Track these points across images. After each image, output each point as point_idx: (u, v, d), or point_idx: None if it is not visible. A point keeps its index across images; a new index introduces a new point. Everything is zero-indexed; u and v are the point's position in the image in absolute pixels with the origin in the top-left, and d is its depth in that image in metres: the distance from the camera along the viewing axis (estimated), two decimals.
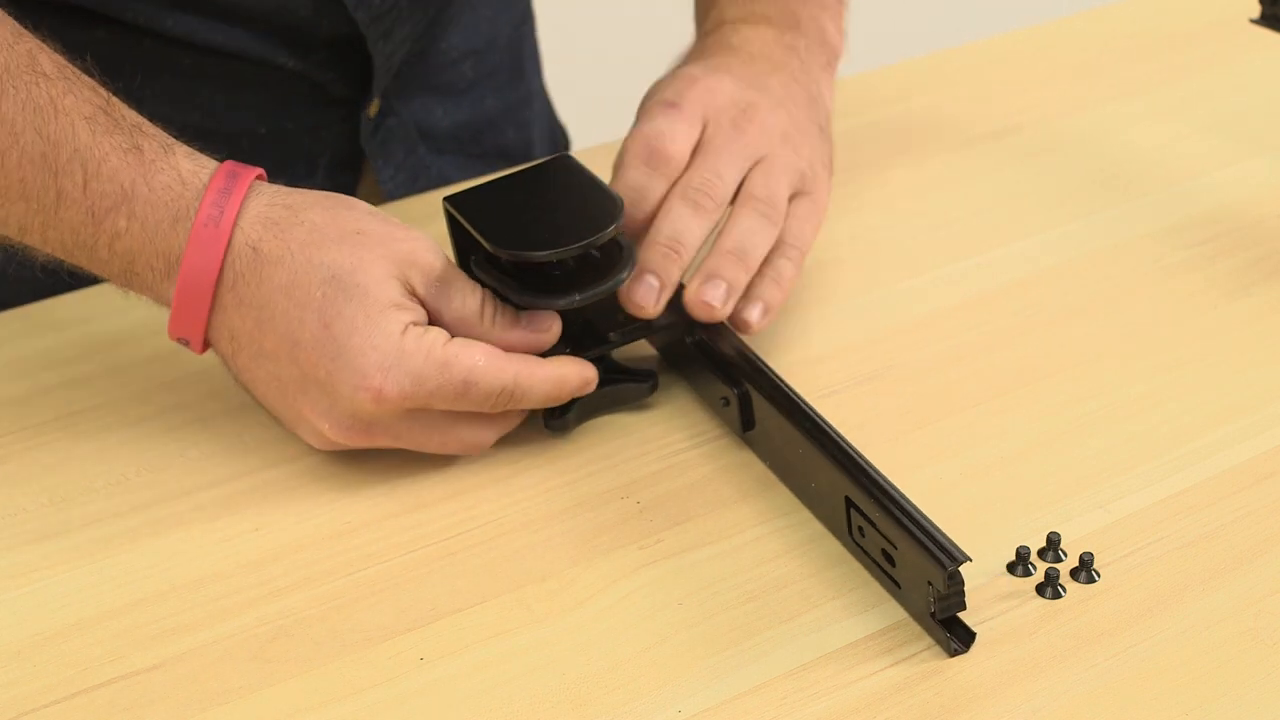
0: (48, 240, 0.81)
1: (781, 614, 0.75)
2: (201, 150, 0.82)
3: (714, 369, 0.84)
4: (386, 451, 0.84)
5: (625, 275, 0.83)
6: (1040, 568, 0.77)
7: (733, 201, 0.89)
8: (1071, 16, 1.28)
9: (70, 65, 0.81)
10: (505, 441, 0.85)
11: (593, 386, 0.84)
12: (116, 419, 0.87)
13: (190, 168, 0.80)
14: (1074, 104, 1.16)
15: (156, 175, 0.79)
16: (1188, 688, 0.71)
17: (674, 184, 0.88)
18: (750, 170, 0.90)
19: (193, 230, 0.79)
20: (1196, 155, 1.10)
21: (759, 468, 0.83)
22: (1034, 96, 1.17)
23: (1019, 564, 0.77)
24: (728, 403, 0.84)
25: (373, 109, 1.09)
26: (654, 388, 0.87)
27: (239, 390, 0.89)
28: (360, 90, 1.08)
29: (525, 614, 0.75)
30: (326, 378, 0.79)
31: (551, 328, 0.83)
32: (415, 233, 0.81)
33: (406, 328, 0.79)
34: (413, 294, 0.81)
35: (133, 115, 0.81)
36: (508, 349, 0.81)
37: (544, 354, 0.83)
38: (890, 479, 0.76)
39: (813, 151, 0.93)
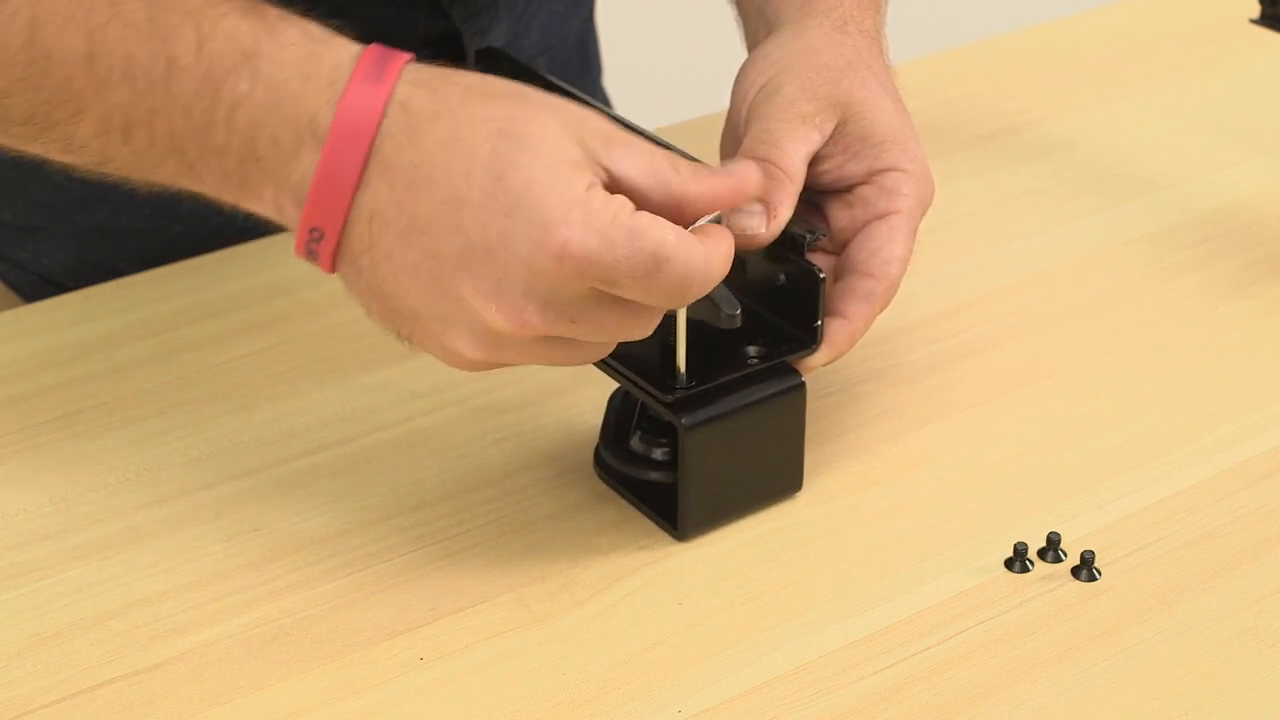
0: (155, 135, 0.70)
1: (781, 614, 0.75)
2: None
3: None
4: (386, 451, 0.84)
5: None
6: (1038, 565, 0.77)
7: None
8: (1071, 16, 1.28)
9: None
10: (505, 441, 0.85)
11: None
12: (116, 419, 0.87)
13: (317, 30, 0.70)
14: (1074, 104, 1.16)
15: (283, 31, 0.69)
16: (1188, 688, 0.71)
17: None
18: None
19: (347, 89, 0.68)
20: (1196, 155, 1.10)
21: None
22: (1034, 96, 1.17)
23: (1016, 560, 0.77)
24: None
25: None
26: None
27: (239, 390, 0.89)
28: None
29: (525, 614, 0.75)
30: (500, 239, 0.67)
31: (752, 177, 0.72)
32: (585, 109, 0.71)
33: (590, 186, 0.68)
34: (599, 165, 0.69)
35: None
36: (707, 204, 0.70)
37: None
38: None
39: None
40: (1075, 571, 0.76)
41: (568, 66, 1.20)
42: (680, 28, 2.18)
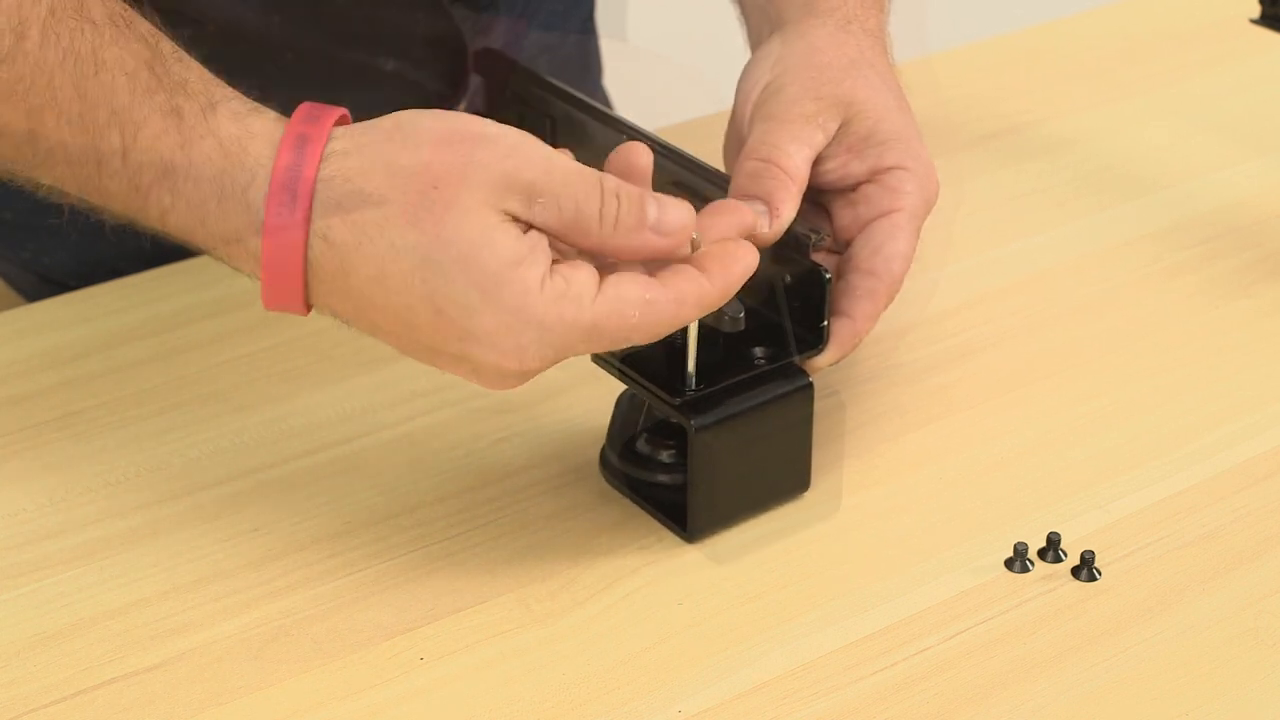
0: (106, 205, 0.72)
1: (781, 614, 0.75)
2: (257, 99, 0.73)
3: None
4: (386, 451, 0.84)
5: None
6: (1038, 565, 0.77)
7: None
8: (1071, 16, 1.28)
9: (125, 11, 0.72)
10: (504, 441, 0.85)
11: (763, 234, 0.76)
12: (116, 419, 0.87)
13: (232, 132, 0.70)
14: (1074, 104, 1.16)
15: (196, 144, 0.70)
16: (1188, 688, 0.71)
17: None
18: None
19: (266, 213, 0.68)
20: (1196, 155, 1.10)
21: None
22: (1034, 96, 1.17)
23: (1016, 560, 0.77)
24: None
25: (461, 106, 1.09)
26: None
27: (239, 390, 0.89)
28: (453, 87, 1.08)
29: (525, 614, 0.75)
30: (460, 353, 0.69)
31: (685, 226, 0.70)
32: (504, 143, 0.68)
33: (541, 284, 0.67)
34: (520, 221, 0.68)
35: (181, 68, 0.71)
36: (635, 257, 0.70)
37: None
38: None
39: None
40: (1075, 571, 0.76)
41: (568, 66, 1.20)
42: (680, 28, 2.18)
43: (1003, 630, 0.74)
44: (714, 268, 0.71)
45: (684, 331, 0.76)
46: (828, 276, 0.77)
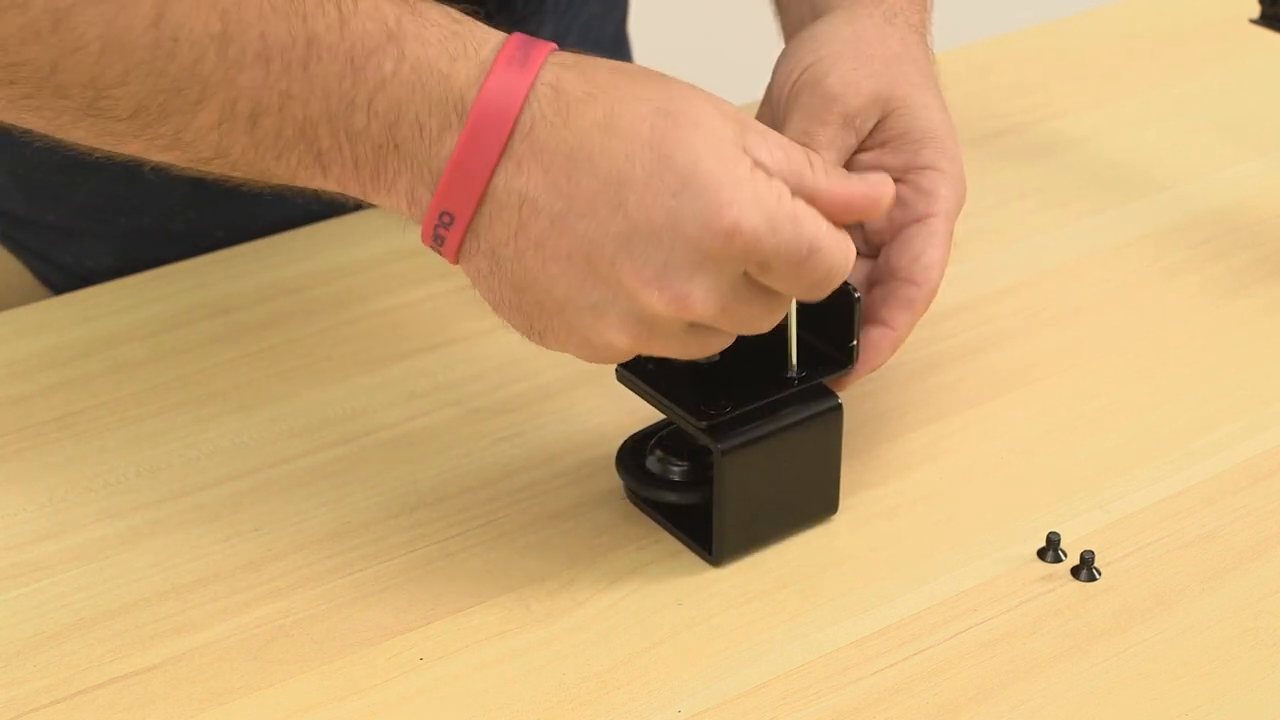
0: (285, 121, 0.67)
1: (781, 614, 0.75)
2: None
3: None
4: (386, 451, 0.84)
5: None
6: (1038, 565, 0.77)
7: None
8: (1072, 16, 1.28)
9: None
10: (504, 441, 0.85)
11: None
12: (116, 419, 0.87)
13: (455, 9, 0.68)
14: (1074, 104, 1.16)
15: (425, 10, 0.67)
16: (1188, 688, 0.71)
17: None
18: None
19: (494, 68, 0.66)
20: (1196, 155, 1.10)
21: None
22: (1034, 97, 1.17)
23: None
24: None
25: None
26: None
27: (239, 390, 0.89)
28: None
29: (525, 614, 0.75)
30: (667, 219, 0.66)
31: (888, 189, 0.71)
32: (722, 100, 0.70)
33: (754, 168, 0.67)
34: (741, 140, 0.68)
35: None
36: (834, 207, 0.69)
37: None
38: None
39: None
40: (1075, 571, 0.76)
41: None
42: (712, 35, 2.19)
43: (1003, 630, 0.74)
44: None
45: (788, 320, 0.76)
46: (857, 296, 0.76)
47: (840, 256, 0.68)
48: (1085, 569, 0.76)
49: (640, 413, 0.87)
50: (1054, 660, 0.72)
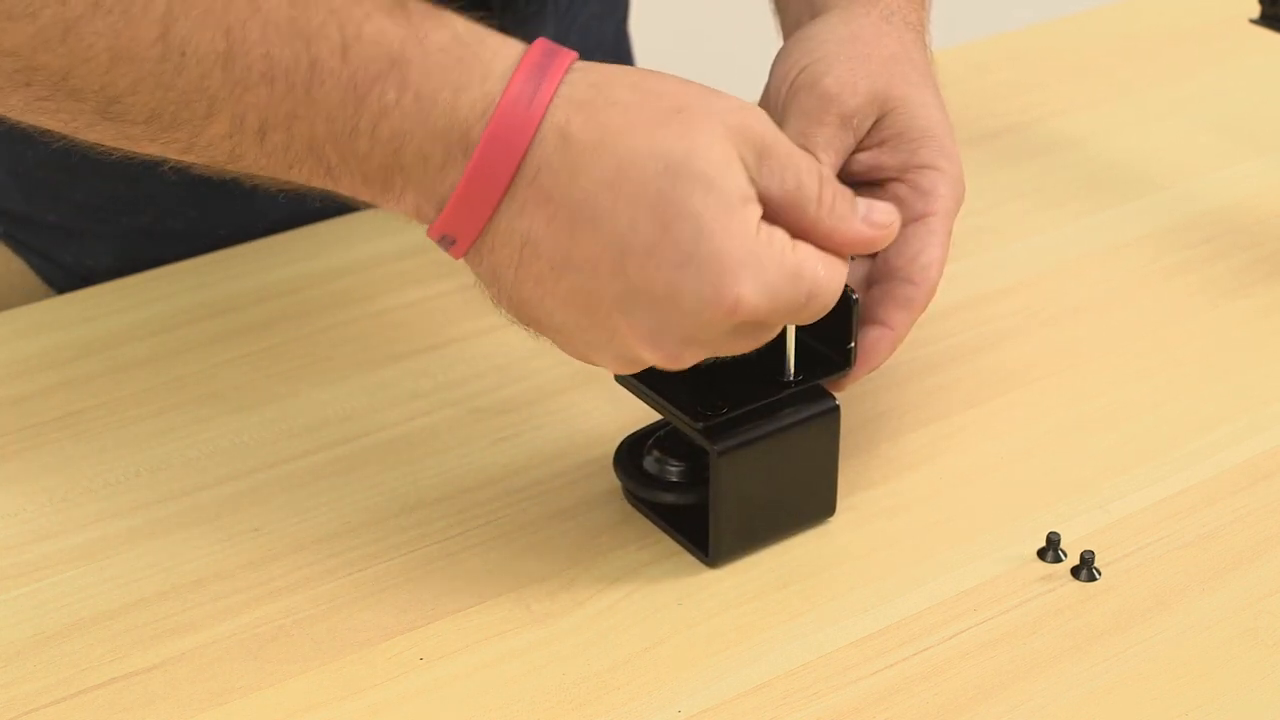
0: (293, 138, 0.67)
1: (781, 614, 0.75)
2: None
3: None
4: (386, 451, 0.84)
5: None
6: (1038, 565, 0.77)
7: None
8: (1072, 16, 1.28)
9: None
10: (504, 441, 0.85)
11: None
12: (116, 419, 0.87)
13: (468, 26, 0.67)
14: (1074, 104, 1.16)
15: (431, 34, 0.66)
16: (1188, 688, 0.71)
17: None
18: None
19: (500, 105, 0.65)
20: (1196, 155, 1.10)
21: None
22: (1034, 96, 1.17)
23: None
24: None
25: None
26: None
27: (239, 390, 0.89)
28: None
29: (525, 614, 0.75)
30: (667, 290, 0.66)
31: (894, 225, 0.71)
32: (733, 99, 0.69)
33: (758, 226, 0.66)
34: (750, 177, 0.67)
35: None
36: (837, 245, 0.69)
37: None
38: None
39: None
40: (1075, 571, 0.76)
41: None
42: (712, 33, 2.19)
43: (1003, 630, 0.74)
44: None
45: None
46: (855, 298, 0.76)
47: (834, 291, 0.69)
48: (1085, 569, 0.76)
49: (640, 413, 0.87)
50: (1054, 660, 0.72)
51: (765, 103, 0.83)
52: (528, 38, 0.98)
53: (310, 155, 0.67)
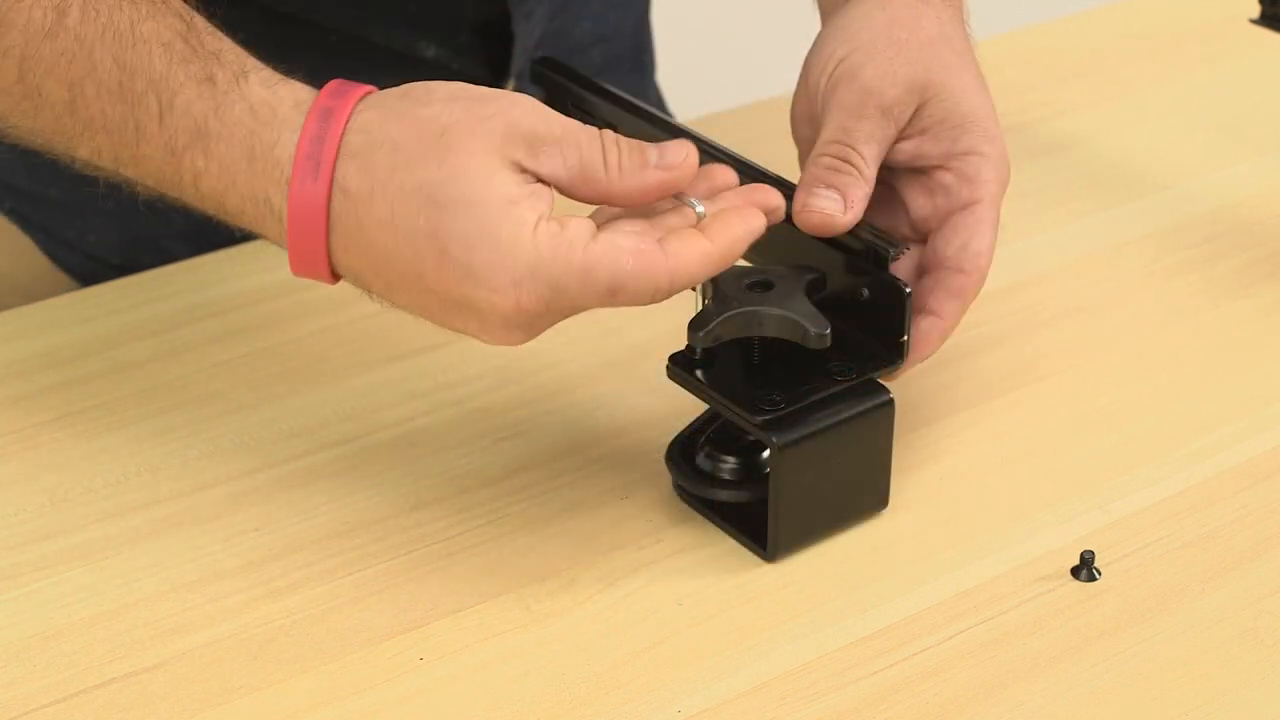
0: (141, 175, 0.75)
1: (781, 614, 0.75)
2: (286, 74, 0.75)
3: None
4: (386, 451, 0.84)
5: None
6: (1038, 565, 0.77)
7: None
8: (1072, 15, 1.28)
9: None
10: (504, 441, 0.85)
11: (779, 215, 0.74)
12: (116, 419, 0.87)
13: (263, 96, 0.73)
14: (1074, 104, 1.16)
15: (228, 109, 0.72)
16: (1188, 688, 0.71)
17: None
18: None
19: (292, 176, 0.71)
20: (1196, 155, 1.10)
21: None
22: (1034, 96, 1.17)
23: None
24: None
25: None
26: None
27: (239, 390, 0.89)
28: (496, 76, 1.07)
29: (525, 614, 0.75)
30: (463, 300, 0.71)
31: (688, 158, 0.72)
32: (505, 98, 0.72)
33: (536, 224, 0.69)
34: (525, 171, 0.71)
35: (213, 40, 0.74)
36: (644, 198, 0.72)
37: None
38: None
39: None
40: (1075, 571, 0.76)
41: (621, 62, 1.19)
42: (735, 13, 2.18)
43: (1002, 630, 0.74)
44: (715, 227, 0.72)
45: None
46: (908, 291, 0.76)
47: (659, 278, 0.70)
48: (1085, 569, 0.76)
49: (641, 412, 0.87)
50: (1054, 660, 0.72)
51: (803, 93, 0.83)
52: (527, 14, 0.99)
53: (162, 191, 0.75)
